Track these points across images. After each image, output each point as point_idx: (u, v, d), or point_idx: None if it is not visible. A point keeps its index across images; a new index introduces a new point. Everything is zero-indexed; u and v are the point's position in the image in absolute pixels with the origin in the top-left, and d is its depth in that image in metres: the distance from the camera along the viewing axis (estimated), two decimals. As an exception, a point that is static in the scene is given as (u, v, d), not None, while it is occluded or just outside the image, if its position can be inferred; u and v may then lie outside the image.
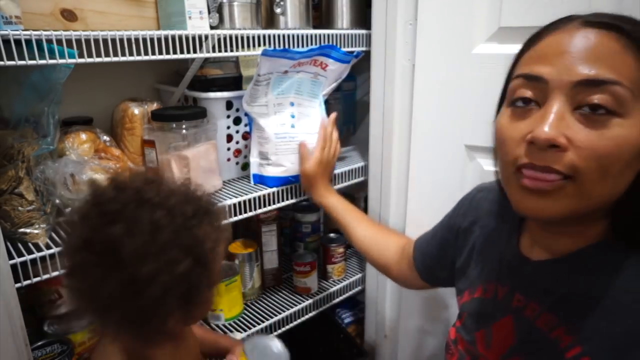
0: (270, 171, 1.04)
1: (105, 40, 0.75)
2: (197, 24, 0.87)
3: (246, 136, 1.11)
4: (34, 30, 0.68)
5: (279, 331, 1.12)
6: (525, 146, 0.49)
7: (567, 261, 0.55)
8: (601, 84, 0.45)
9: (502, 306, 0.61)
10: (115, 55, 0.76)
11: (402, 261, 0.90)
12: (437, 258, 0.80)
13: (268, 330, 1.11)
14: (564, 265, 0.55)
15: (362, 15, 1.14)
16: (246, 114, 1.06)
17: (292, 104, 1.05)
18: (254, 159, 1.06)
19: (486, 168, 0.94)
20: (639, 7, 0.72)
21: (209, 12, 0.91)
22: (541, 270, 0.58)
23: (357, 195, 1.41)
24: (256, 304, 1.17)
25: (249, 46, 0.95)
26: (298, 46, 1.02)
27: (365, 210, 1.23)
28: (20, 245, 0.75)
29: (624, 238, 0.51)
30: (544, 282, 0.57)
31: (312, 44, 1.04)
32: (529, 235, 0.61)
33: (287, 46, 1.01)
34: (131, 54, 0.78)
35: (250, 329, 1.08)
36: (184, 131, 0.94)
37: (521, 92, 0.51)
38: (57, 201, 0.83)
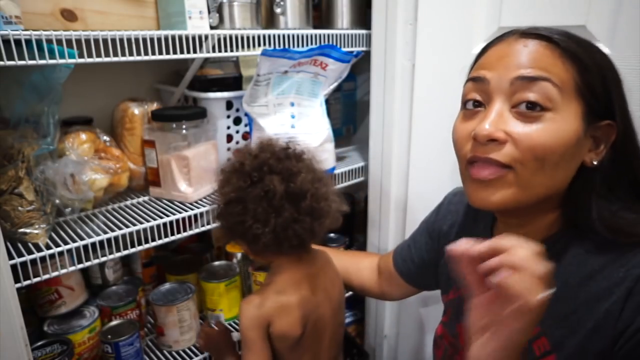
0: (270, 171, 1.04)
1: (105, 40, 0.75)
2: (197, 24, 0.87)
3: (246, 136, 1.11)
4: (34, 30, 0.68)
5: (279, 331, 1.12)
6: (472, 142, 0.56)
7: None
8: (534, 80, 0.51)
9: None
10: (115, 55, 0.76)
11: (381, 277, 0.95)
12: (420, 261, 0.85)
13: (268, 330, 1.10)
14: None
15: (362, 15, 1.14)
16: (246, 114, 1.06)
17: (292, 104, 1.05)
18: (254, 159, 1.06)
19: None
20: (639, 7, 0.72)
21: (209, 12, 0.90)
22: None
23: (357, 195, 1.41)
24: (256, 304, 1.17)
25: (249, 46, 0.95)
26: (298, 46, 1.02)
27: (365, 210, 1.23)
28: (20, 245, 0.75)
29: (573, 227, 0.57)
30: None
31: (312, 44, 1.04)
32: (498, 232, 0.66)
33: (287, 46, 1.01)
34: (131, 54, 0.78)
35: (250, 329, 1.08)
36: (184, 131, 0.94)
37: (469, 96, 0.58)
38: (57, 201, 0.83)
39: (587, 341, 0.52)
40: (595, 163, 0.55)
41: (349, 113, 1.41)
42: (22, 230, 0.77)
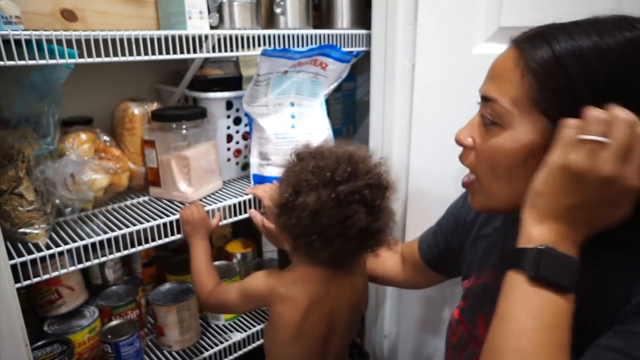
0: (271, 171, 1.04)
1: (105, 40, 0.75)
2: (197, 24, 0.87)
3: (246, 136, 1.11)
4: (34, 30, 0.68)
5: (279, 331, 1.12)
6: None
7: None
8: (487, 101, 0.56)
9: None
10: (115, 55, 0.76)
11: (405, 266, 0.95)
12: (445, 246, 0.85)
13: (268, 330, 1.11)
14: None
15: (362, 15, 1.14)
16: (246, 114, 1.06)
17: (292, 104, 1.05)
18: (254, 159, 1.06)
19: (486, 168, 0.94)
20: (639, 7, 0.72)
21: (209, 12, 0.91)
22: None
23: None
24: (256, 304, 1.17)
25: (249, 46, 0.95)
26: (298, 46, 1.02)
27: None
28: (20, 245, 0.75)
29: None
30: None
31: (312, 44, 1.04)
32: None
33: (287, 46, 1.01)
34: (131, 54, 0.78)
35: (250, 329, 1.08)
36: (184, 131, 0.94)
37: None
38: (57, 201, 0.83)
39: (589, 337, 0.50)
40: None
41: (349, 113, 1.41)
42: (22, 230, 0.77)
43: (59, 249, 0.75)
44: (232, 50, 0.92)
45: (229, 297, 0.82)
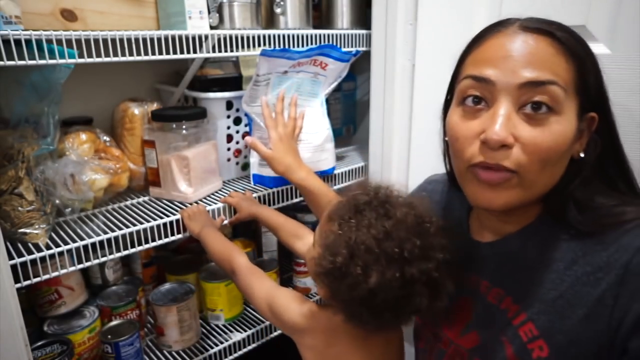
0: (270, 171, 1.04)
1: (105, 40, 0.75)
2: (197, 24, 0.87)
3: (246, 136, 1.11)
4: (34, 30, 0.68)
5: (279, 331, 1.12)
6: (479, 145, 0.54)
7: (511, 240, 0.61)
8: (541, 85, 0.51)
9: (460, 288, 0.64)
10: (115, 55, 0.76)
11: None
12: None
13: (268, 330, 1.11)
14: (509, 243, 0.61)
15: (362, 15, 1.14)
16: (246, 114, 1.06)
17: (292, 104, 1.05)
18: (254, 159, 1.06)
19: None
20: (639, 7, 0.72)
21: (209, 12, 0.91)
22: (490, 251, 0.63)
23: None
24: (256, 304, 1.17)
25: (249, 46, 0.95)
26: (298, 46, 1.02)
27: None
28: (20, 246, 0.75)
29: (556, 217, 0.57)
30: (493, 261, 0.63)
31: (312, 44, 1.04)
32: (477, 221, 0.67)
33: (287, 46, 1.01)
34: (131, 54, 0.78)
35: (250, 329, 1.08)
36: (184, 131, 0.94)
37: (471, 92, 0.56)
38: (57, 201, 0.83)
39: (579, 328, 0.52)
40: (582, 155, 0.55)
41: (349, 113, 1.41)
42: (22, 230, 0.77)
43: (59, 249, 0.75)
44: (232, 50, 0.92)
45: (257, 299, 0.73)
